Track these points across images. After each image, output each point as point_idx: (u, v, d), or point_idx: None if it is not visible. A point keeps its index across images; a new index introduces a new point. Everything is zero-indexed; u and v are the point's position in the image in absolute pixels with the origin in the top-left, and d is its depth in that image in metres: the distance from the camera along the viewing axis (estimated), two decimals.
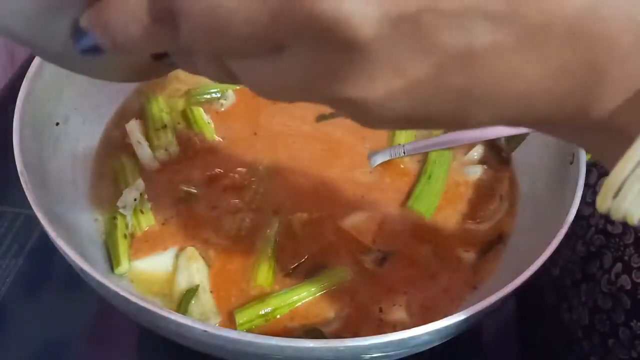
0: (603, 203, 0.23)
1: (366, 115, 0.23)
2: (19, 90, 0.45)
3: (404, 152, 0.53)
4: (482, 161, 0.55)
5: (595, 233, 0.46)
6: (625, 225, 0.45)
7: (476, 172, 0.54)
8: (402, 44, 0.20)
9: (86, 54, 0.24)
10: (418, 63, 0.21)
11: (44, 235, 0.39)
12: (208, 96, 0.58)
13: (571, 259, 0.48)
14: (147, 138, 0.54)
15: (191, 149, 0.54)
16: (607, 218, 0.46)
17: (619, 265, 0.43)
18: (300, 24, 0.20)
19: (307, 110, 0.58)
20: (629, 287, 0.42)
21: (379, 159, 0.53)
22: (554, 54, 0.21)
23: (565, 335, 0.48)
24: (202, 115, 0.56)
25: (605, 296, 0.44)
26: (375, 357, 0.37)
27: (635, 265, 0.42)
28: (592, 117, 0.23)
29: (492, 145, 0.55)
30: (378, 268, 0.47)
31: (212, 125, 0.56)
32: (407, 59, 0.21)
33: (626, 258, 0.43)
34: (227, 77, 0.25)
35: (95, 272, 0.37)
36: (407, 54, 0.20)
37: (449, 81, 0.21)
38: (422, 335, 0.35)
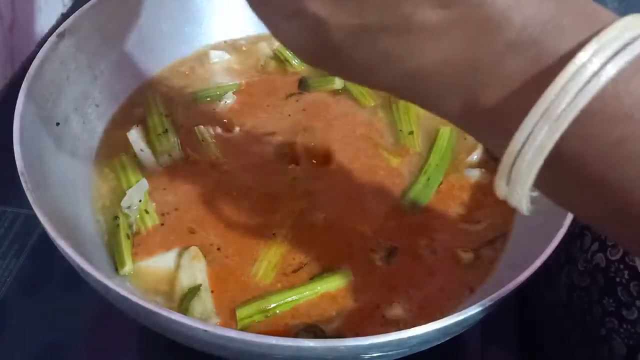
0: (498, 189, 0.28)
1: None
2: (19, 90, 0.46)
3: None
4: (481, 162, 0.55)
5: None
6: None
7: (475, 174, 0.54)
8: None
9: None
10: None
11: (44, 235, 0.39)
12: (208, 98, 0.58)
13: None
14: (149, 144, 0.53)
15: (194, 150, 0.54)
16: None
17: (595, 245, 0.44)
18: None
19: (306, 109, 0.58)
20: (603, 264, 0.43)
21: None
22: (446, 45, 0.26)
23: (550, 316, 0.48)
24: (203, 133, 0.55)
25: (582, 274, 0.44)
26: (375, 356, 0.37)
27: (610, 243, 0.43)
28: (480, 106, 0.26)
29: None
30: (386, 265, 0.47)
31: (213, 133, 0.55)
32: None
33: (603, 237, 0.43)
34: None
35: (96, 271, 0.37)
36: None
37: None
38: (422, 335, 0.35)
